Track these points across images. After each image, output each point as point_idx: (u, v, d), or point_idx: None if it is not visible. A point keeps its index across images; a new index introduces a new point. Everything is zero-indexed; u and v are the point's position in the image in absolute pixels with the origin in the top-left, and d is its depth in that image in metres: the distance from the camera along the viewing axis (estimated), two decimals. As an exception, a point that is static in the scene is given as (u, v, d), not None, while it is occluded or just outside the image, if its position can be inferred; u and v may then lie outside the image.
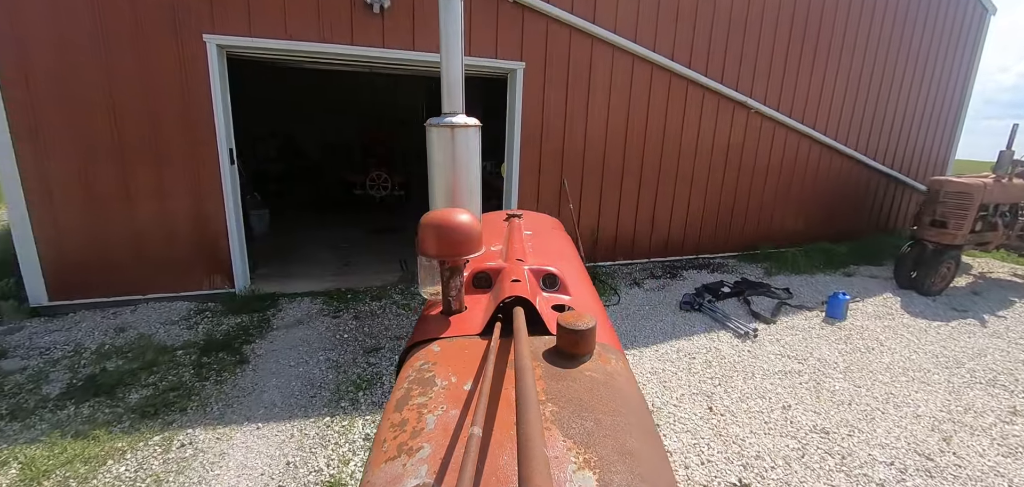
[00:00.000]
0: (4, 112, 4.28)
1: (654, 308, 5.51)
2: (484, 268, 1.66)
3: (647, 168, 6.64)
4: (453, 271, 1.46)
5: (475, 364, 1.21)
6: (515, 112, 5.72)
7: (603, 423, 0.98)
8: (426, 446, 0.93)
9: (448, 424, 0.99)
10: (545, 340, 1.29)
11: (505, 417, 1.00)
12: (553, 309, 1.50)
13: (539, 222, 2.64)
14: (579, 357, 1.20)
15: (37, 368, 3.89)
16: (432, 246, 1.40)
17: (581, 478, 0.83)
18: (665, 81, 6.36)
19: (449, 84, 1.83)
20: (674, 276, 6.72)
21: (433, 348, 1.31)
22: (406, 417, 1.03)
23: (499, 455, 0.89)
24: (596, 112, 6.12)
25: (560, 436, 0.93)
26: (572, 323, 1.20)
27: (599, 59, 5.93)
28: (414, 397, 1.09)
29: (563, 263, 1.80)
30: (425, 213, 1.48)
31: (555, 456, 0.88)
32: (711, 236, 7.54)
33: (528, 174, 6.03)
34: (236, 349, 4.20)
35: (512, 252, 1.79)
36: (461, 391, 1.10)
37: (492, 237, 2.10)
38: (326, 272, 6.14)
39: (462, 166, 1.83)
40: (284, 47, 4.89)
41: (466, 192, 1.86)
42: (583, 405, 1.03)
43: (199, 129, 4.79)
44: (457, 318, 1.46)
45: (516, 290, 1.42)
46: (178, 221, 4.94)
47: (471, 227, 1.41)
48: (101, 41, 4.38)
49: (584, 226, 6.50)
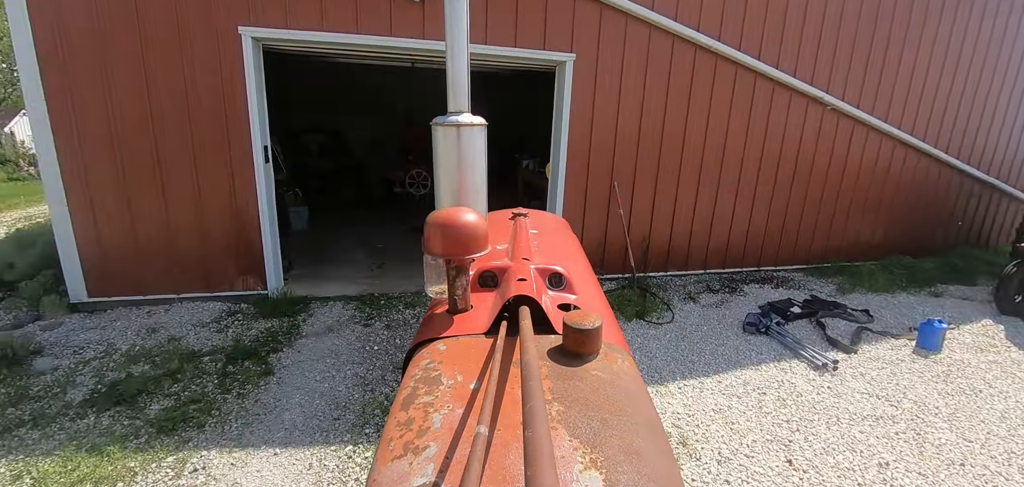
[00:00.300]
0: (45, 106, 4.24)
1: (713, 329, 4.93)
2: (490, 267, 1.65)
3: (707, 170, 6.03)
4: (459, 270, 1.44)
5: (481, 363, 1.21)
6: (563, 108, 5.27)
7: (609, 423, 0.98)
8: (432, 445, 0.92)
9: (454, 423, 0.98)
10: (551, 339, 1.28)
11: (511, 416, 0.99)
12: (559, 308, 1.48)
13: (545, 221, 2.60)
14: (585, 356, 1.19)
15: (67, 369, 3.80)
16: (438, 245, 1.39)
17: (587, 477, 0.83)
18: (730, 74, 5.73)
19: (455, 82, 1.80)
20: (733, 291, 6.09)
21: (439, 347, 1.30)
22: (412, 416, 1.02)
23: (505, 454, 0.88)
24: (652, 108, 5.57)
25: (566, 435, 0.93)
26: (578, 322, 1.19)
27: (658, 49, 5.38)
28: (420, 396, 1.09)
29: (569, 262, 1.79)
30: (431, 212, 1.47)
31: (561, 455, 0.87)
32: (775, 246, 6.83)
33: (575, 175, 5.57)
34: (262, 358, 3.98)
35: (518, 251, 1.79)
36: (467, 390, 1.10)
37: (498, 236, 2.07)
38: (360, 274, 5.91)
39: (468, 165, 1.81)
40: (320, 39, 4.64)
41: (472, 191, 1.84)
42: (589, 404, 1.02)
43: (233, 126, 4.62)
44: (463, 317, 1.45)
45: (522, 289, 1.43)
46: (211, 221, 4.80)
47: (477, 226, 1.41)
48: (137, 35, 4.25)
49: (635, 233, 5.98)
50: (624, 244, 5.94)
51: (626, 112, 5.50)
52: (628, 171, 5.74)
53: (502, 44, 4.92)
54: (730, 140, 6.00)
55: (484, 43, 4.87)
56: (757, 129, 6.08)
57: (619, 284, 5.96)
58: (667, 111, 5.63)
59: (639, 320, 5.01)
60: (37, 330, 4.45)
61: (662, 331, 4.81)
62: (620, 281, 6.05)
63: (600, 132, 5.48)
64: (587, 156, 5.53)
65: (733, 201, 6.33)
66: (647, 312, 5.13)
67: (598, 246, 5.95)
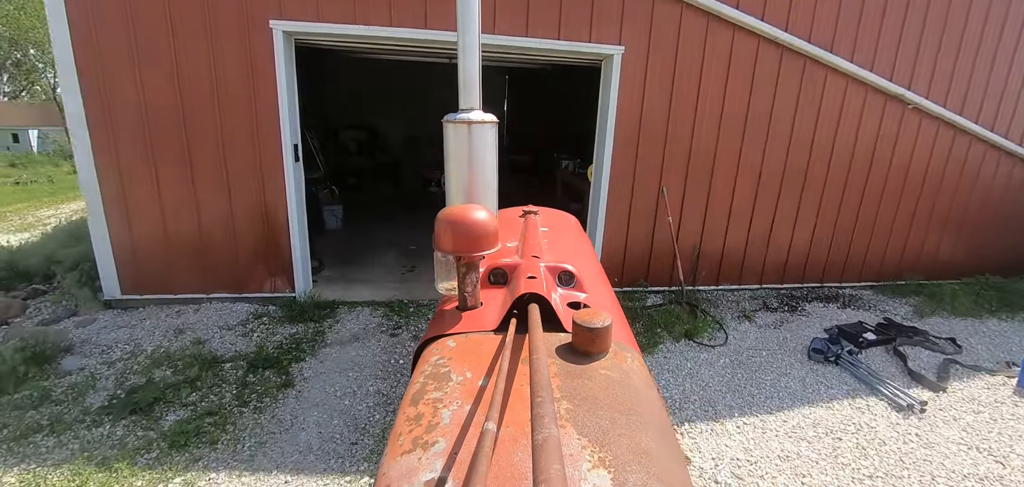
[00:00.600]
0: (81, 99, 4.20)
1: (774, 354, 4.41)
2: (500, 264, 1.65)
3: (768, 174, 5.46)
4: (469, 267, 1.44)
5: (490, 360, 1.21)
6: (609, 105, 4.85)
7: (618, 422, 0.97)
8: (441, 440, 0.92)
9: (463, 419, 0.98)
10: (560, 337, 1.28)
11: (520, 413, 0.98)
12: (569, 306, 1.48)
13: (555, 219, 2.62)
14: (594, 355, 1.19)
15: (91, 370, 3.72)
16: (448, 242, 1.39)
17: (595, 476, 0.83)
18: (798, 68, 5.14)
19: (466, 80, 1.79)
20: (793, 309, 5.50)
21: (448, 343, 1.31)
22: (421, 411, 1.03)
23: (513, 451, 0.88)
24: (708, 105, 5.07)
25: (575, 434, 0.92)
26: (588, 321, 1.18)
27: (716, 40, 4.87)
28: (429, 392, 1.09)
29: (579, 260, 1.80)
30: (441, 209, 1.47)
31: (569, 454, 0.87)
32: (841, 260, 6.16)
33: (621, 178, 5.13)
34: (284, 368, 3.79)
35: (528, 249, 1.79)
36: (476, 386, 1.10)
37: (508, 233, 2.08)
38: (390, 277, 5.69)
39: (479, 162, 1.81)
40: (353, 32, 4.41)
41: (482, 188, 1.84)
42: (598, 403, 1.02)
43: (263, 124, 4.46)
44: (472, 314, 1.45)
45: (532, 286, 1.42)
46: (240, 221, 4.68)
47: (487, 223, 1.41)
48: (168, 28, 4.15)
49: (684, 242, 5.48)
50: (672, 254, 5.47)
51: (679, 110, 5.02)
52: (679, 175, 5.25)
53: (544, 36, 4.55)
54: (795, 142, 5.41)
55: (524, 35, 4.51)
56: (825, 129, 5.45)
57: (666, 298, 5.49)
58: (725, 109, 5.11)
59: (688, 341, 4.54)
60: (71, 326, 4.45)
61: (715, 355, 4.33)
62: (667, 295, 5.57)
63: (649, 132, 5.02)
64: (634, 158, 5.08)
65: (796, 209, 5.72)
66: (697, 332, 4.65)
67: (643, 256, 5.50)
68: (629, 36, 4.67)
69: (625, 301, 5.28)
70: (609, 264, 5.42)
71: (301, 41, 4.64)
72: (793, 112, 5.29)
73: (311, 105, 9.42)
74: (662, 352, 4.29)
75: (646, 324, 4.75)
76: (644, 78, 4.82)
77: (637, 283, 5.51)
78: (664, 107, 4.97)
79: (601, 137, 5.05)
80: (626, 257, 5.44)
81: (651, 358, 4.18)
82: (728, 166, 5.32)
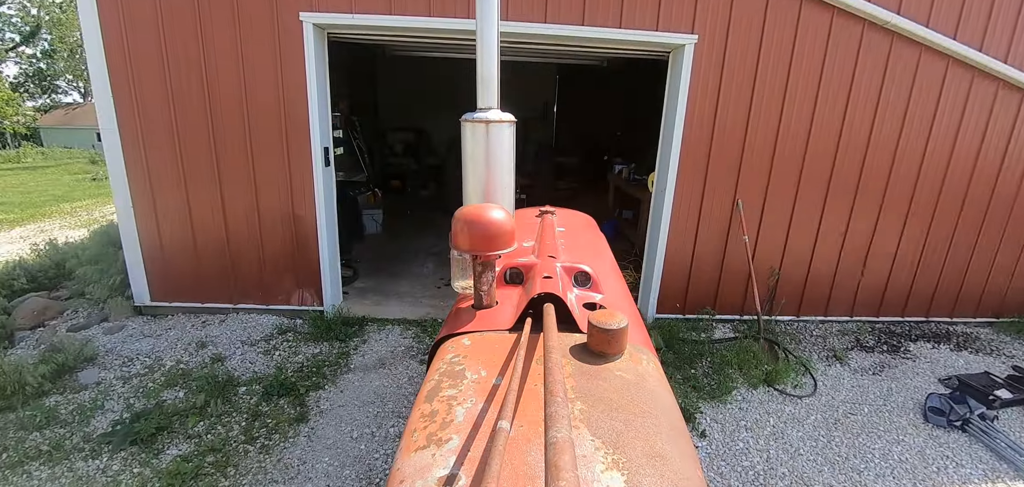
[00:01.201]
0: (112, 100, 4.03)
1: (878, 411, 3.59)
2: (516, 264, 1.65)
3: (868, 184, 4.57)
4: (485, 266, 1.43)
5: (504, 358, 1.20)
6: (677, 105, 4.17)
7: (633, 424, 0.97)
8: (455, 438, 0.92)
9: (477, 417, 0.99)
10: (576, 337, 1.28)
11: (533, 413, 0.99)
12: (585, 307, 1.48)
13: (572, 219, 2.61)
14: (610, 356, 1.19)
15: (107, 386, 3.50)
16: (465, 241, 1.39)
17: (609, 478, 0.82)
18: (912, 59, 4.25)
19: (484, 79, 1.79)
20: (895, 350, 4.59)
21: (464, 341, 1.30)
22: (436, 408, 1.03)
23: (527, 451, 0.88)
24: (798, 103, 4.27)
25: (588, 435, 0.92)
26: (603, 322, 1.18)
27: (810, 26, 4.08)
28: (444, 389, 1.09)
29: (596, 261, 1.81)
30: (458, 208, 1.47)
31: (583, 455, 0.87)
32: (953, 290, 5.14)
33: (688, 189, 4.43)
34: (300, 396, 3.41)
35: (544, 248, 1.81)
36: (490, 385, 1.10)
37: (525, 233, 2.10)
38: (425, 292, 5.26)
39: (496, 162, 1.81)
40: (388, 24, 3.99)
41: (499, 188, 1.83)
42: (613, 405, 1.02)
43: (292, 125, 4.13)
44: (488, 312, 1.44)
45: (547, 286, 1.43)
46: (268, 229, 4.38)
47: (504, 223, 1.40)
48: (196, 22, 3.89)
49: (760, 263, 4.70)
50: (746, 278, 4.70)
51: (761, 111, 4.26)
52: (758, 187, 4.48)
53: (603, 24, 3.93)
54: (905, 145, 4.49)
55: (581, 24, 3.92)
56: (944, 132, 4.51)
57: (736, 329, 4.72)
58: (818, 109, 4.29)
59: (768, 387, 3.79)
60: (100, 333, 4.31)
61: (803, 409, 3.57)
62: (737, 325, 4.81)
63: (725, 136, 4.29)
64: (705, 166, 4.36)
65: (900, 228, 4.79)
66: (779, 376, 3.89)
67: (711, 280, 4.76)
68: (704, 23, 3.97)
69: (689, 332, 4.57)
70: (670, 287, 4.73)
71: (335, 35, 4.28)
72: (904, 109, 4.39)
73: (359, 106, 9.26)
74: (736, 402, 3.58)
75: (715, 363, 4.04)
76: (720, 72, 4.10)
77: (703, 310, 4.78)
78: (743, 106, 4.23)
79: (666, 141, 4.38)
80: (690, 280, 4.73)
81: (722, 409, 3.48)
82: (819, 175, 4.49)
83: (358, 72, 9.87)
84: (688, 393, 3.60)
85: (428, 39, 4.38)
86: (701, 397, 3.59)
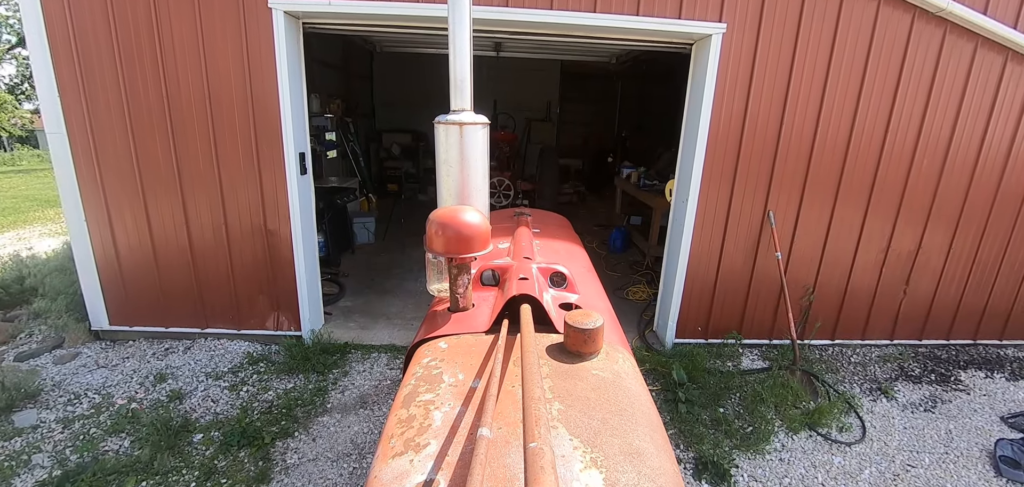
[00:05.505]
0: (59, 104, 3.54)
1: (941, 463, 3.06)
2: (492, 266, 1.64)
3: (915, 190, 4.05)
4: (461, 269, 1.42)
5: (482, 361, 1.19)
6: (702, 103, 3.65)
7: (610, 422, 0.96)
8: (433, 443, 0.91)
9: (455, 421, 0.97)
10: (552, 338, 1.27)
11: (511, 415, 0.97)
12: (561, 307, 1.47)
13: (547, 220, 2.60)
14: (586, 355, 1.19)
15: (42, 434, 3.00)
16: (440, 244, 1.38)
17: (588, 477, 0.82)
18: (968, 49, 3.73)
19: (458, 81, 1.77)
20: (945, 380, 4.07)
21: (440, 345, 1.28)
22: (413, 413, 1.00)
23: (505, 453, 0.87)
24: (837, 103, 3.75)
25: (567, 434, 0.92)
26: (579, 322, 1.18)
27: (854, 16, 3.56)
28: (421, 394, 1.07)
29: (571, 262, 1.84)
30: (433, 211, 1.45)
31: (562, 455, 0.86)
32: (1003, 309, 4.61)
33: (713, 197, 3.90)
34: (264, 447, 2.91)
35: (520, 250, 1.81)
36: (468, 388, 1.09)
37: (500, 235, 2.10)
38: (417, 312, 4.75)
39: (470, 164, 1.77)
40: (370, 11, 3.49)
41: (474, 190, 1.80)
42: (590, 403, 1.01)
43: (261, 127, 3.64)
44: (464, 315, 1.44)
45: (524, 288, 1.42)
46: (237, 245, 3.89)
47: (479, 225, 1.39)
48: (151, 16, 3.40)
49: (793, 280, 4.17)
50: (776, 298, 4.19)
51: (796, 110, 3.73)
52: (792, 197, 3.96)
53: (619, 11, 3.42)
54: (958, 148, 3.97)
55: (592, 11, 3.41)
56: (1004, 131, 3.98)
57: (767, 356, 4.20)
58: (859, 109, 3.77)
59: (810, 431, 3.27)
60: (50, 362, 3.82)
61: (853, 460, 3.04)
62: (766, 351, 4.28)
63: (755, 139, 3.77)
64: (733, 174, 3.84)
65: (949, 240, 4.27)
66: (821, 416, 3.36)
67: (738, 300, 4.23)
68: (733, 10, 3.45)
69: (713, 360, 4.05)
70: (692, 310, 4.21)
71: (312, 26, 3.78)
72: (957, 108, 3.87)
73: (354, 108, 8.77)
74: (776, 451, 3.06)
75: (746, 400, 3.51)
76: (751, 67, 3.58)
77: (728, 334, 4.25)
78: (777, 105, 3.71)
79: (688, 146, 3.86)
80: (714, 300, 4.20)
81: (761, 463, 2.95)
82: (861, 178, 3.96)
83: (353, 72, 9.40)
84: (719, 440, 3.08)
85: (417, 30, 3.90)
86: (734, 445, 3.06)
